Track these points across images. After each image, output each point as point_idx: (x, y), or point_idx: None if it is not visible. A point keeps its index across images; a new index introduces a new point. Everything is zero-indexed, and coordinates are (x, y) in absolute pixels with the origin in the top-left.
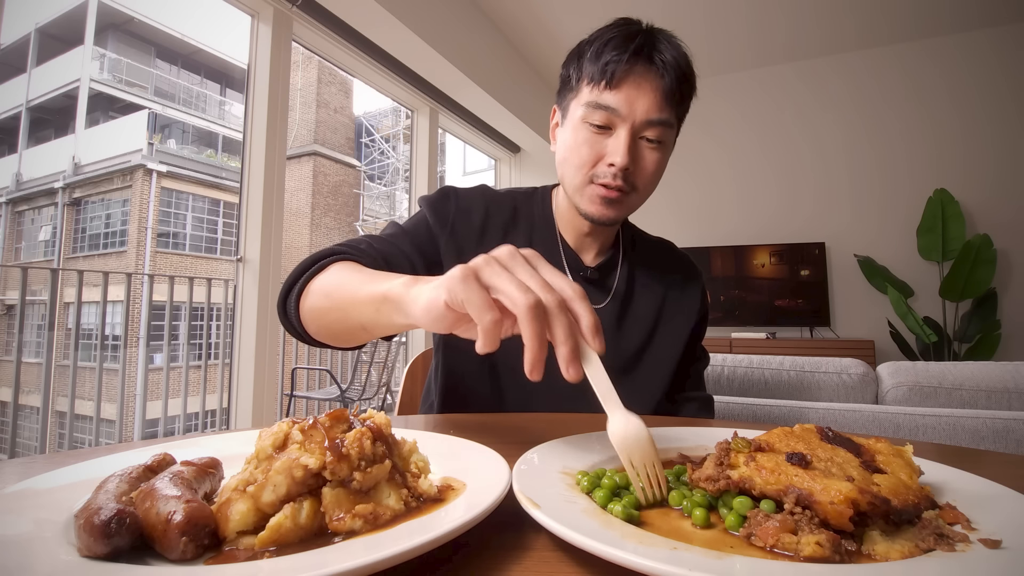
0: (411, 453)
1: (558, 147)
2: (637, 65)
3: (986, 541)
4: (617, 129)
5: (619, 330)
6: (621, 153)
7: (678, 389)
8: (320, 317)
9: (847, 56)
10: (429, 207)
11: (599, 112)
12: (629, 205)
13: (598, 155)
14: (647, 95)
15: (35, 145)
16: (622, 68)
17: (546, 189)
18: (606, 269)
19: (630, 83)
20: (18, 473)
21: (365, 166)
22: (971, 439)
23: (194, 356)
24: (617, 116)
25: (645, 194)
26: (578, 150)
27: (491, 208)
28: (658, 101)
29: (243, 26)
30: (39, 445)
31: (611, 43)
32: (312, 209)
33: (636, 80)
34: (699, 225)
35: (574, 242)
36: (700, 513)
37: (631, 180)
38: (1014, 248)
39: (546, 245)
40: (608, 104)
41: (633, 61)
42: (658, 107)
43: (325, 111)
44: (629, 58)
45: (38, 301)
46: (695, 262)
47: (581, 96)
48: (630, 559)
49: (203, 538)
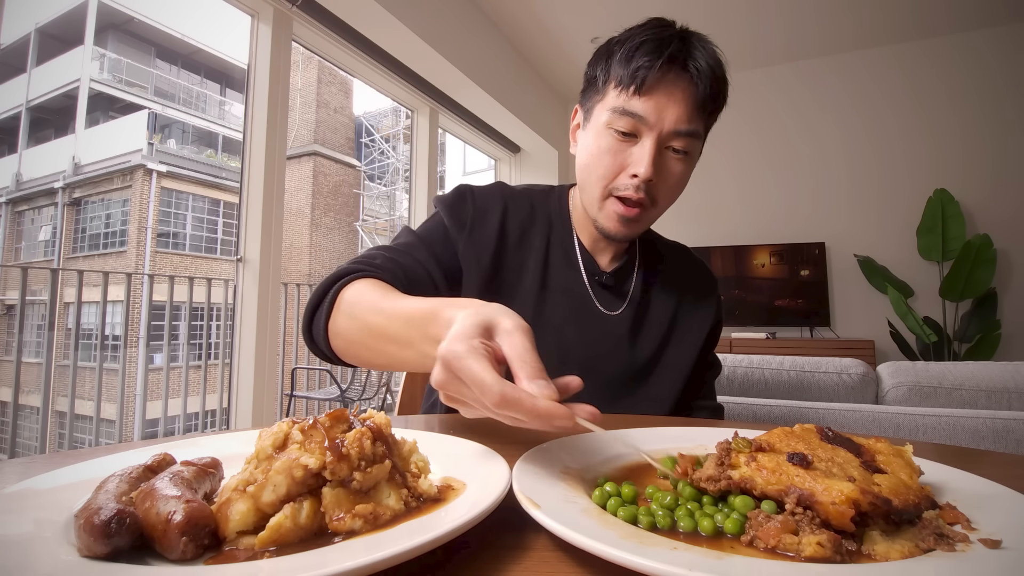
0: (411, 453)
1: (579, 151)
2: (670, 72)
3: (986, 541)
4: (643, 138)
5: (634, 337)
6: (646, 164)
7: (691, 397)
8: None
9: (846, 56)
10: (445, 209)
11: (625, 119)
12: (647, 221)
13: (621, 165)
14: (678, 104)
15: (35, 145)
16: (654, 75)
17: (563, 189)
18: (622, 274)
19: (661, 91)
20: (18, 473)
21: (365, 166)
22: (971, 439)
23: (194, 356)
24: (644, 124)
25: (664, 207)
26: (600, 158)
27: (509, 206)
28: (688, 111)
29: (243, 26)
30: (39, 445)
31: (644, 46)
32: (312, 209)
33: (668, 88)
34: (699, 225)
35: (590, 245)
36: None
37: (652, 193)
38: (1014, 248)
39: (563, 247)
40: (636, 111)
41: (667, 68)
42: (688, 117)
43: (325, 111)
44: (662, 64)
45: (38, 301)
46: (711, 269)
47: (607, 100)
48: (630, 559)
49: (203, 538)
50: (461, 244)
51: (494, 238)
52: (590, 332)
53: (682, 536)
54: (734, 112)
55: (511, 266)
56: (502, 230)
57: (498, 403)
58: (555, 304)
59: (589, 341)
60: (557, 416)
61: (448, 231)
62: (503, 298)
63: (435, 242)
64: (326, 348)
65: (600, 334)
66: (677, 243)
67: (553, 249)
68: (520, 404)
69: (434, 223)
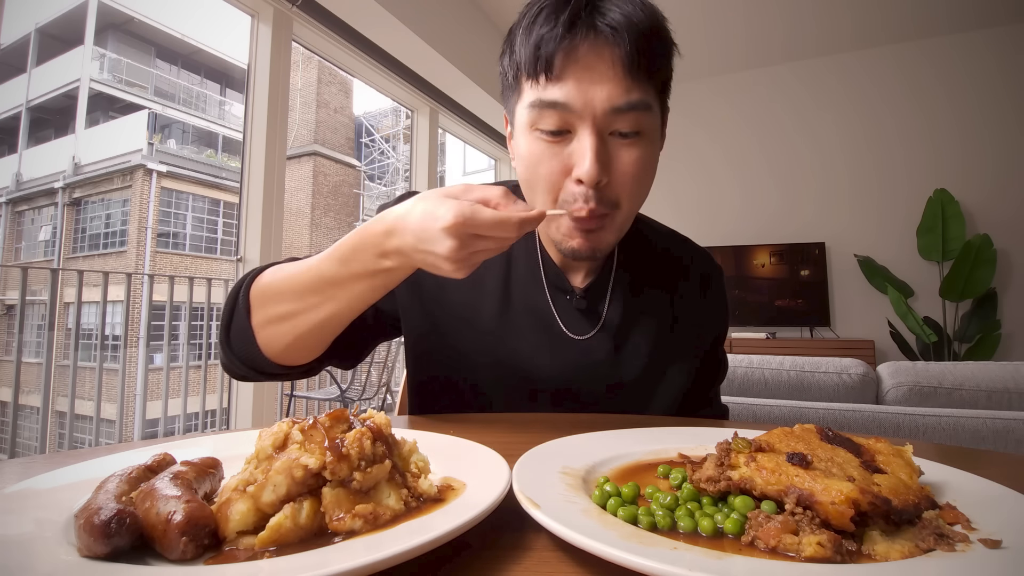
0: (411, 453)
1: (516, 164)
2: (582, 40)
3: (986, 541)
4: (576, 130)
5: (614, 360)
6: (587, 161)
7: (691, 411)
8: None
9: (845, 56)
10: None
11: (547, 112)
12: (617, 227)
13: (562, 170)
14: (603, 76)
15: (35, 145)
16: (561, 48)
17: None
18: (598, 289)
19: (577, 66)
20: (18, 473)
21: (365, 166)
22: (971, 439)
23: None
24: (571, 113)
25: (633, 206)
26: (535, 169)
27: None
28: (619, 80)
29: (243, 26)
30: (39, 445)
31: (540, 17)
32: (312, 209)
33: (585, 60)
34: (699, 225)
35: (561, 261)
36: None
37: (609, 196)
38: (1014, 248)
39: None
40: (555, 99)
41: (572, 35)
42: (623, 88)
43: (325, 111)
44: (565, 33)
45: (38, 301)
46: (714, 260)
47: (524, 96)
48: (630, 559)
49: (203, 538)
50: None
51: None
52: (560, 358)
53: (682, 536)
54: (734, 112)
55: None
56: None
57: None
58: (520, 328)
59: (561, 368)
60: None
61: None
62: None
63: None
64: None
65: (573, 360)
66: (674, 232)
67: (515, 269)
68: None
69: None
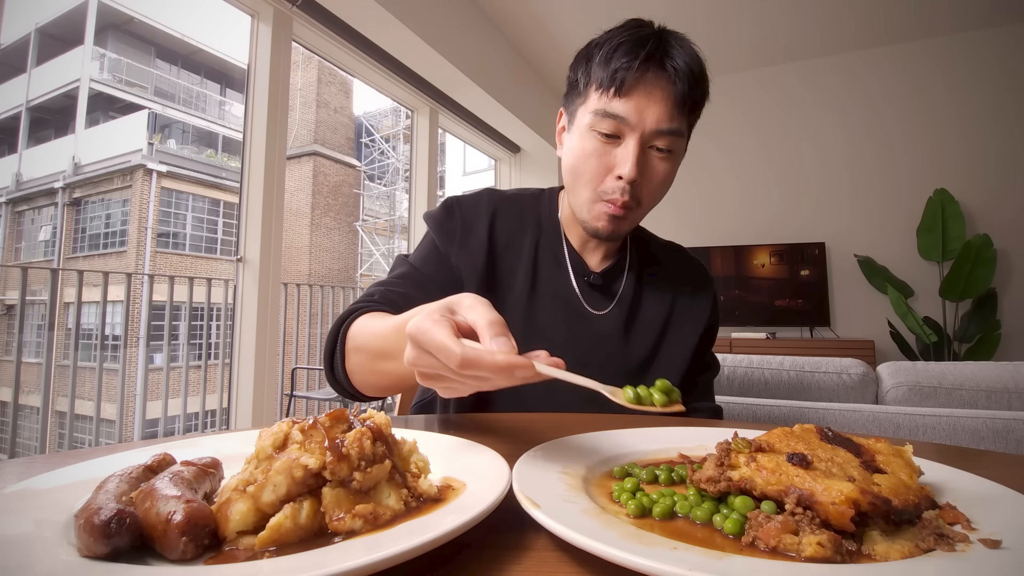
0: (411, 453)
1: (565, 154)
2: (648, 72)
3: (986, 541)
4: (626, 139)
5: (625, 336)
6: (629, 164)
7: (688, 397)
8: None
9: (847, 56)
10: (434, 225)
11: (607, 120)
12: (633, 219)
13: (607, 167)
14: (658, 103)
15: (35, 145)
16: (632, 75)
17: (553, 191)
18: (612, 274)
19: (640, 91)
20: (18, 473)
21: (365, 166)
22: (971, 439)
23: (194, 356)
24: (626, 125)
25: (650, 206)
26: (586, 161)
27: (498, 212)
28: (669, 110)
29: (243, 26)
30: (39, 445)
31: (622, 48)
32: (312, 209)
33: (647, 88)
34: (699, 225)
35: (580, 246)
36: (707, 507)
37: (637, 194)
38: (1014, 248)
39: (552, 249)
40: (617, 113)
41: (644, 68)
42: (669, 116)
43: (325, 111)
44: (640, 65)
45: (38, 301)
46: (708, 268)
47: (589, 102)
48: (630, 559)
49: (203, 538)
50: (453, 256)
51: (484, 245)
52: (580, 332)
53: (686, 534)
54: (735, 112)
55: (503, 270)
56: (491, 236)
57: (460, 364)
58: (545, 306)
59: (579, 341)
60: (517, 367)
61: (439, 248)
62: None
63: (428, 263)
64: (350, 387)
65: (590, 334)
66: (672, 243)
67: (542, 252)
68: (480, 361)
69: (424, 244)
